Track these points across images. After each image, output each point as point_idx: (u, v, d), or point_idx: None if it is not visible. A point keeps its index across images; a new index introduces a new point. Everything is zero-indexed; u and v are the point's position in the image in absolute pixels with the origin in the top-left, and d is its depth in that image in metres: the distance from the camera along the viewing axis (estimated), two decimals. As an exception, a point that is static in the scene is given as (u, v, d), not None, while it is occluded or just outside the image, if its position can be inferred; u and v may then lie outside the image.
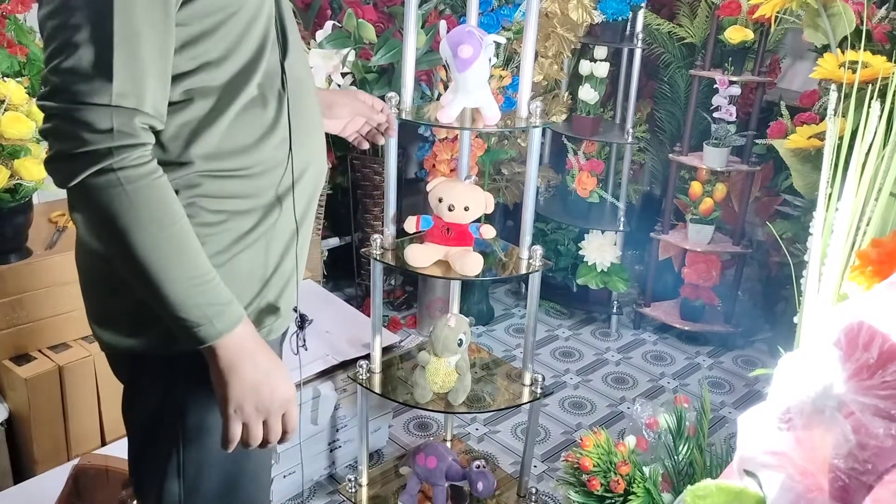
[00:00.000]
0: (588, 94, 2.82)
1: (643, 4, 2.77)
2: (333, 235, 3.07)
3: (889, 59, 1.79)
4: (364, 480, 2.04)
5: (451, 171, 2.73)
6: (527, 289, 2.01)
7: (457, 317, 1.81)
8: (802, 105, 2.56)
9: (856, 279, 0.97)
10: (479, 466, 1.90)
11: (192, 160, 0.99)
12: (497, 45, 1.72)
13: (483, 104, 1.63)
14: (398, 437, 2.42)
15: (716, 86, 2.70)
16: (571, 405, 2.64)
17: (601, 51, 2.79)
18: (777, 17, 2.16)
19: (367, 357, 1.95)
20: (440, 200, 1.71)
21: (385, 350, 2.03)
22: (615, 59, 3.02)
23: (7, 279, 1.88)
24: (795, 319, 1.21)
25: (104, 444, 2.03)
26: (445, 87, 2.58)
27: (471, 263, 1.69)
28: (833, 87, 1.39)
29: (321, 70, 2.55)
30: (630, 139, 2.87)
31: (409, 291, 3.20)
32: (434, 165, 2.81)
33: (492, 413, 2.49)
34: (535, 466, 2.31)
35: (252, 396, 0.99)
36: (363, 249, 1.83)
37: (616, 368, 2.88)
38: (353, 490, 2.02)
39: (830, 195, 1.17)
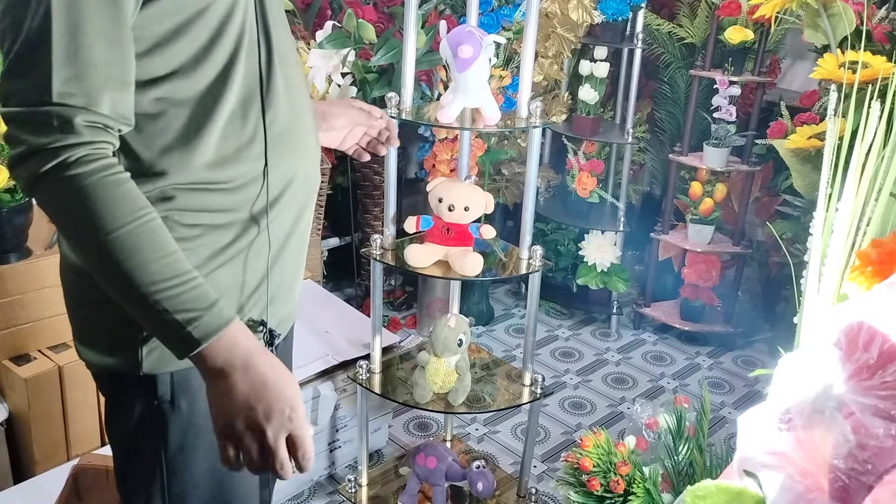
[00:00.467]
0: (588, 95, 2.82)
1: (643, 5, 2.77)
2: (333, 235, 3.07)
3: (889, 60, 1.79)
4: (364, 480, 2.04)
5: (451, 172, 2.73)
6: (527, 289, 2.01)
7: (457, 317, 1.81)
8: (802, 105, 2.56)
9: (856, 279, 0.97)
10: (479, 466, 1.90)
11: (167, 172, 0.95)
12: (497, 46, 1.72)
13: (483, 104, 1.63)
14: (398, 438, 2.42)
15: (716, 86, 2.70)
16: (571, 405, 2.64)
17: (601, 51, 2.79)
18: (777, 18, 2.16)
19: (367, 357, 1.95)
20: (440, 200, 1.71)
21: (385, 350, 2.03)
22: (615, 60, 3.02)
23: (7, 279, 1.88)
24: (795, 319, 1.22)
25: (104, 444, 2.03)
26: (445, 87, 2.58)
27: (471, 263, 1.69)
28: (833, 88, 1.39)
29: (321, 70, 2.55)
30: (630, 139, 2.87)
31: (409, 291, 3.20)
32: (434, 165, 2.81)
33: (492, 413, 2.49)
34: (535, 466, 2.31)
35: (243, 412, 0.89)
36: (363, 249, 1.83)
37: (616, 369, 2.88)
38: (353, 490, 2.02)
39: (830, 195, 1.17)
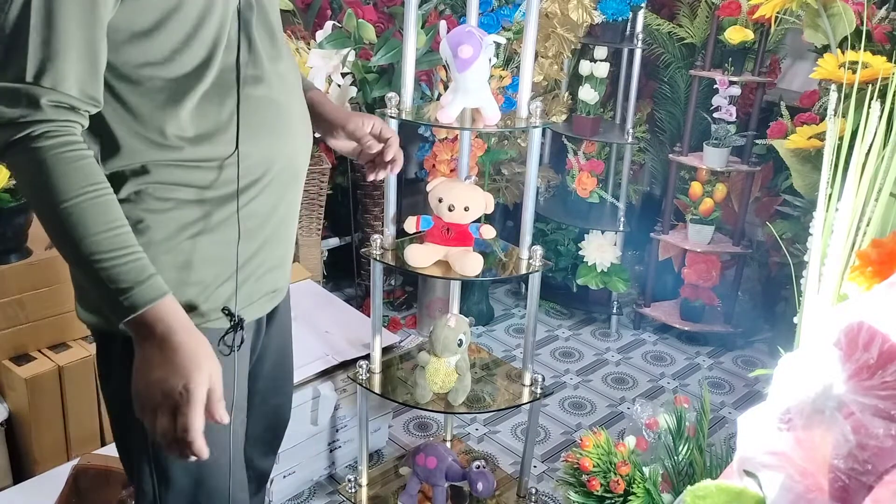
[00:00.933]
0: (588, 95, 2.82)
1: (643, 5, 2.77)
2: (333, 235, 3.07)
3: (889, 60, 1.79)
4: (364, 481, 2.04)
5: (451, 172, 2.73)
6: (527, 289, 2.01)
7: (457, 317, 1.81)
8: (802, 105, 2.56)
9: (856, 279, 0.97)
10: (479, 466, 1.90)
11: (141, 149, 1.03)
12: (497, 46, 1.72)
13: (483, 104, 1.63)
14: (398, 438, 2.42)
15: (716, 86, 2.70)
16: (571, 405, 2.64)
17: (601, 51, 2.79)
18: (777, 18, 2.16)
19: (367, 357, 1.95)
20: (440, 200, 1.71)
21: (385, 350, 2.03)
22: (615, 60, 3.02)
23: (7, 279, 1.88)
24: (795, 320, 1.22)
25: (104, 444, 2.03)
26: (445, 87, 2.58)
27: (471, 263, 1.69)
28: (833, 88, 1.39)
29: (321, 70, 2.55)
30: (630, 139, 2.87)
31: (409, 291, 3.20)
32: (434, 165, 2.81)
33: (492, 413, 2.49)
34: (535, 466, 2.31)
35: (148, 383, 0.97)
36: (363, 249, 1.83)
37: (616, 369, 2.88)
38: (353, 490, 2.02)
39: (830, 195, 1.17)
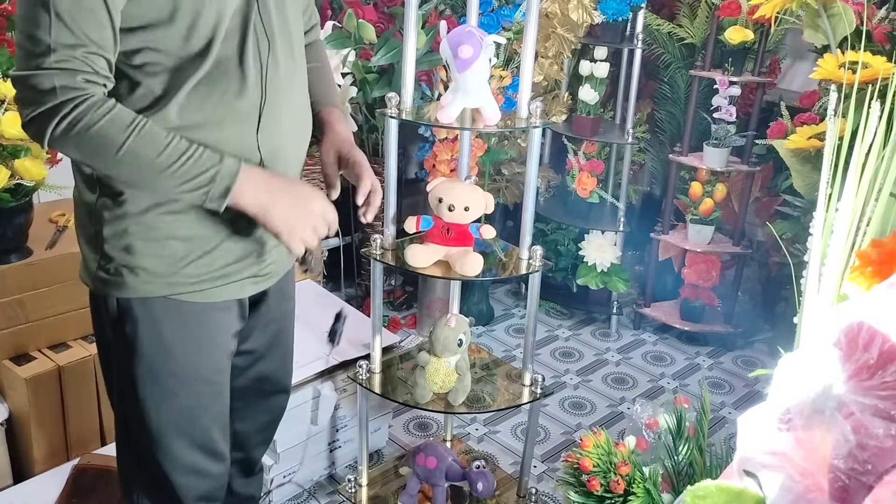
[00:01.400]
0: (588, 95, 2.82)
1: (643, 5, 2.77)
2: (333, 235, 3.07)
3: (889, 60, 1.79)
4: (364, 480, 2.04)
5: (451, 172, 2.73)
6: (527, 289, 2.01)
7: (457, 317, 1.81)
8: (802, 105, 2.56)
9: (856, 279, 0.97)
10: (479, 466, 1.90)
11: None
12: (497, 46, 1.72)
13: (483, 104, 1.62)
14: (398, 438, 2.42)
15: (716, 86, 2.70)
16: (571, 405, 2.65)
17: (601, 51, 2.79)
18: (777, 18, 2.16)
19: (367, 357, 1.95)
20: (440, 201, 1.71)
21: (385, 350, 2.03)
22: (615, 60, 3.02)
23: (7, 279, 1.88)
24: (795, 320, 1.22)
25: (104, 444, 2.03)
26: (445, 88, 2.58)
27: (471, 264, 1.69)
28: (833, 88, 1.39)
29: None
30: (630, 139, 2.87)
31: (409, 291, 3.20)
32: (434, 165, 2.81)
33: (492, 413, 2.49)
34: (535, 466, 2.31)
35: (288, 217, 1.16)
36: (363, 249, 1.83)
37: (616, 369, 2.88)
38: (353, 490, 2.02)
39: (830, 195, 1.17)
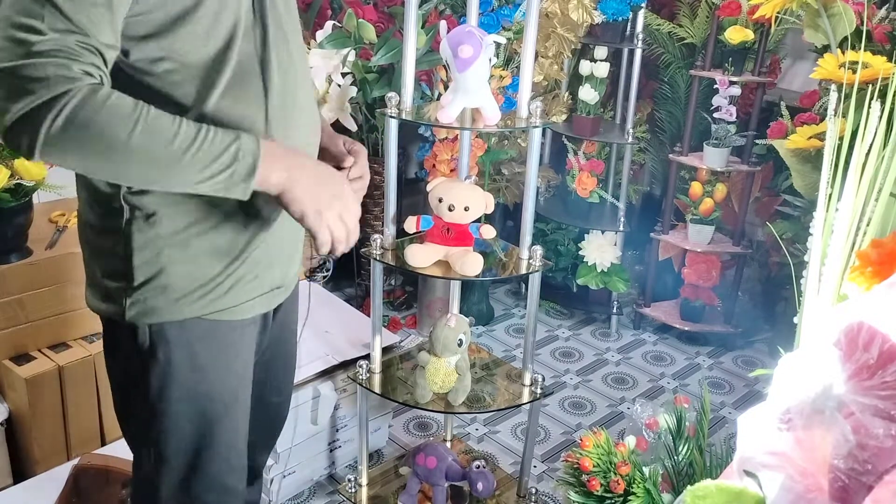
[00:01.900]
0: (588, 95, 2.81)
1: (643, 5, 2.77)
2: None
3: (889, 60, 1.79)
4: (364, 480, 2.04)
5: (451, 171, 2.73)
6: (527, 289, 2.01)
7: (457, 317, 1.81)
8: (802, 105, 2.55)
9: (856, 280, 0.97)
10: (479, 466, 1.90)
11: None
12: (497, 46, 1.72)
13: (483, 104, 1.62)
14: (398, 437, 2.42)
15: (716, 86, 2.70)
16: (571, 405, 2.64)
17: (601, 51, 2.79)
18: (777, 18, 2.16)
19: (367, 357, 1.95)
20: (440, 200, 1.71)
21: (385, 350, 2.03)
22: (615, 60, 3.02)
23: (7, 279, 1.88)
24: (795, 320, 1.22)
25: (104, 444, 2.03)
26: (445, 87, 2.58)
27: (471, 263, 1.69)
28: (833, 88, 1.39)
29: (321, 70, 2.55)
30: (630, 139, 2.87)
31: (409, 291, 3.20)
32: (434, 165, 2.81)
33: (492, 413, 2.49)
34: (535, 466, 2.31)
35: (315, 196, 1.05)
36: (363, 249, 1.83)
37: (616, 369, 2.88)
38: (353, 490, 2.02)
39: (830, 195, 1.17)
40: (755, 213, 3.08)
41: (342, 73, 2.58)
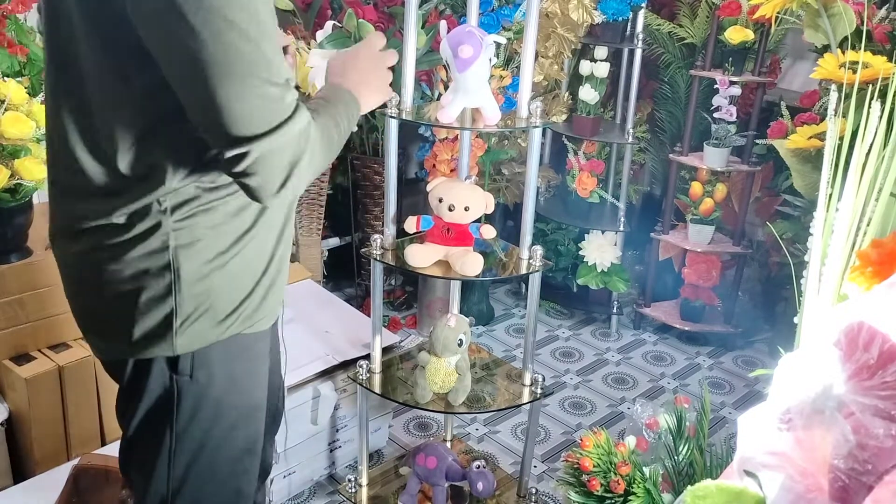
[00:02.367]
0: (588, 95, 2.81)
1: (643, 5, 2.77)
2: (333, 235, 3.07)
3: (889, 60, 1.79)
4: (364, 480, 2.04)
5: (452, 171, 2.73)
6: (527, 289, 2.01)
7: (457, 317, 1.81)
8: (803, 105, 2.55)
9: (856, 280, 0.97)
10: (479, 466, 1.90)
11: (200, 172, 1.08)
12: (497, 46, 1.72)
13: (483, 104, 1.62)
14: (398, 437, 2.42)
15: (716, 86, 2.70)
16: (571, 405, 2.64)
17: (601, 51, 2.79)
18: (777, 18, 2.16)
19: (367, 357, 1.95)
20: (440, 200, 1.71)
21: (385, 350, 2.03)
22: (615, 60, 3.02)
23: (7, 279, 1.88)
24: (795, 320, 1.22)
25: (104, 444, 2.03)
26: (445, 87, 2.58)
27: (471, 263, 1.69)
28: (833, 88, 1.38)
29: (321, 70, 2.55)
30: (630, 139, 2.87)
31: (409, 291, 3.20)
32: (434, 165, 2.81)
33: (492, 413, 2.49)
34: (535, 466, 2.31)
35: (374, 92, 1.29)
36: (363, 249, 1.83)
37: (616, 369, 2.88)
38: (353, 490, 2.02)
39: (831, 195, 1.17)
40: (755, 213, 3.08)
41: (342, 73, 2.57)
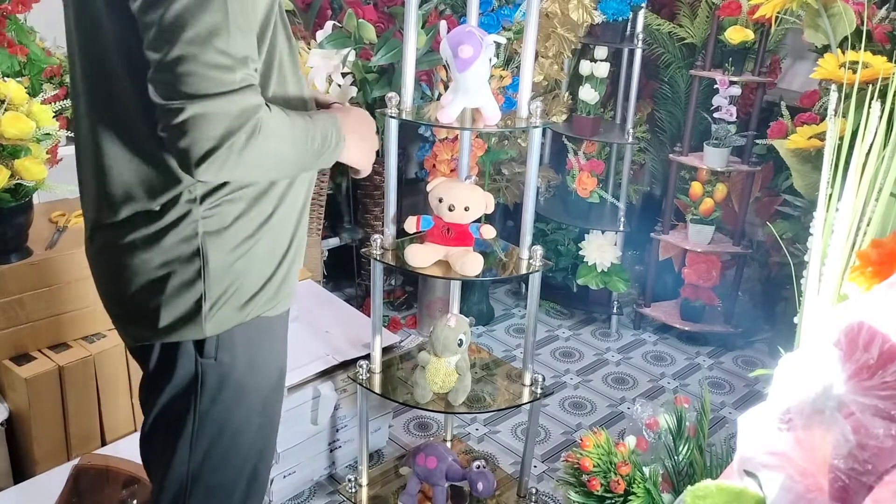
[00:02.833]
0: (588, 95, 2.81)
1: (643, 5, 2.77)
2: (333, 235, 3.07)
3: (889, 60, 1.79)
4: (364, 480, 2.04)
5: (452, 172, 2.73)
6: (527, 289, 2.01)
7: (457, 317, 1.81)
8: (803, 105, 2.55)
9: (856, 280, 0.97)
10: (479, 466, 1.90)
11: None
12: (497, 46, 1.72)
13: (483, 104, 1.62)
14: (398, 437, 2.42)
15: (716, 86, 2.70)
16: (571, 405, 2.64)
17: (601, 51, 2.79)
18: (777, 18, 2.16)
19: (367, 357, 1.95)
20: (440, 200, 1.71)
21: (385, 350, 2.03)
22: (615, 60, 3.02)
23: (7, 279, 1.88)
24: (795, 320, 1.22)
25: (104, 444, 2.03)
26: (445, 87, 2.58)
27: (471, 263, 1.69)
28: (833, 88, 1.39)
29: (321, 70, 2.55)
30: (630, 139, 2.87)
31: (409, 291, 3.20)
32: (434, 165, 2.81)
33: (492, 413, 2.49)
34: (535, 466, 2.31)
35: (363, 151, 1.28)
36: (363, 249, 1.83)
37: (616, 369, 2.88)
38: (353, 490, 2.02)
39: (831, 195, 1.17)
40: (755, 213, 3.08)
41: (342, 73, 2.58)
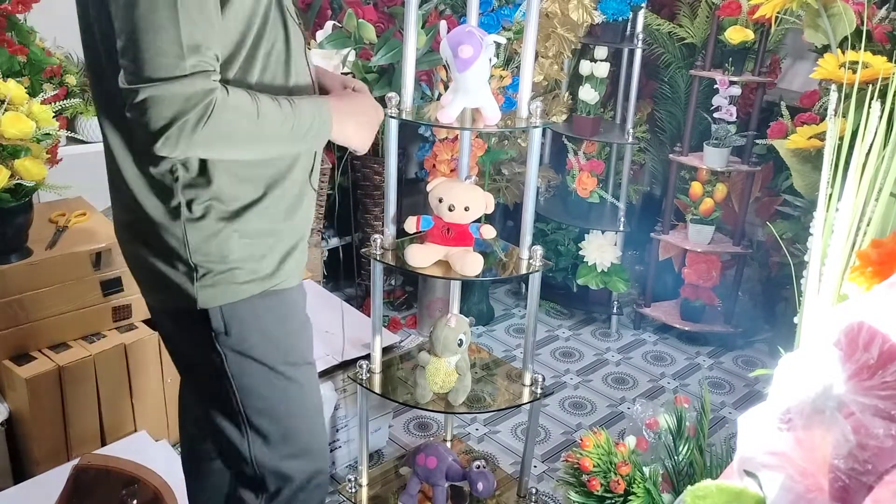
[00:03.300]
0: (588, 95, 2.81)
1: (643, 5, 2.77)
2: (333, 235, 3.07)
3: (889, 60, 1.79)
4: (364, 480, 2.04)
5: (452, 172, 2.73)
6: (527, 289, 2.01)
7: (457, 317, 1.81)
8: (803, 105, 2.55)
9: (856, 280, 0.97)
10: (479, 466, 1.90)
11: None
12: (497, 46, 1.72)
13: (483, 104, 1.62)
14: (398, 437, 2.42)
15: (716, 86, 2.70)
16: (571, 405, 2.64)
17: (601, 51, 2.79)
18: (777, 18, 2.16)
19: (367, 357, 1.95)
20: (440, 200, 1.71)
21: (385, 350, 2.03)
22: (615, 60, 3.02)
23: (7, 279, 1.88)
24: (795, 320, 1.21)
25: (104, 444, 2.03)
26: (445, 87, 2.58)
27: (471, 263, 1.69)
28: (833, 88, 1.38)
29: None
30: (630, 139, 2.87)
31: (409, 291, 3.20)
32: (434, 165, 2.81)
33: (492, 413, 2.49)
34: (535, 466, 2.31)
35: (360, 132, 1.30)
36: (363, 249, 1.83)
37: (616, 369, 2.88)
38: (353, 490, 2.02)
39: (831, 195, 1.17)
40: (755, 213, 3.08)
41: (342, 73, 2.58)
